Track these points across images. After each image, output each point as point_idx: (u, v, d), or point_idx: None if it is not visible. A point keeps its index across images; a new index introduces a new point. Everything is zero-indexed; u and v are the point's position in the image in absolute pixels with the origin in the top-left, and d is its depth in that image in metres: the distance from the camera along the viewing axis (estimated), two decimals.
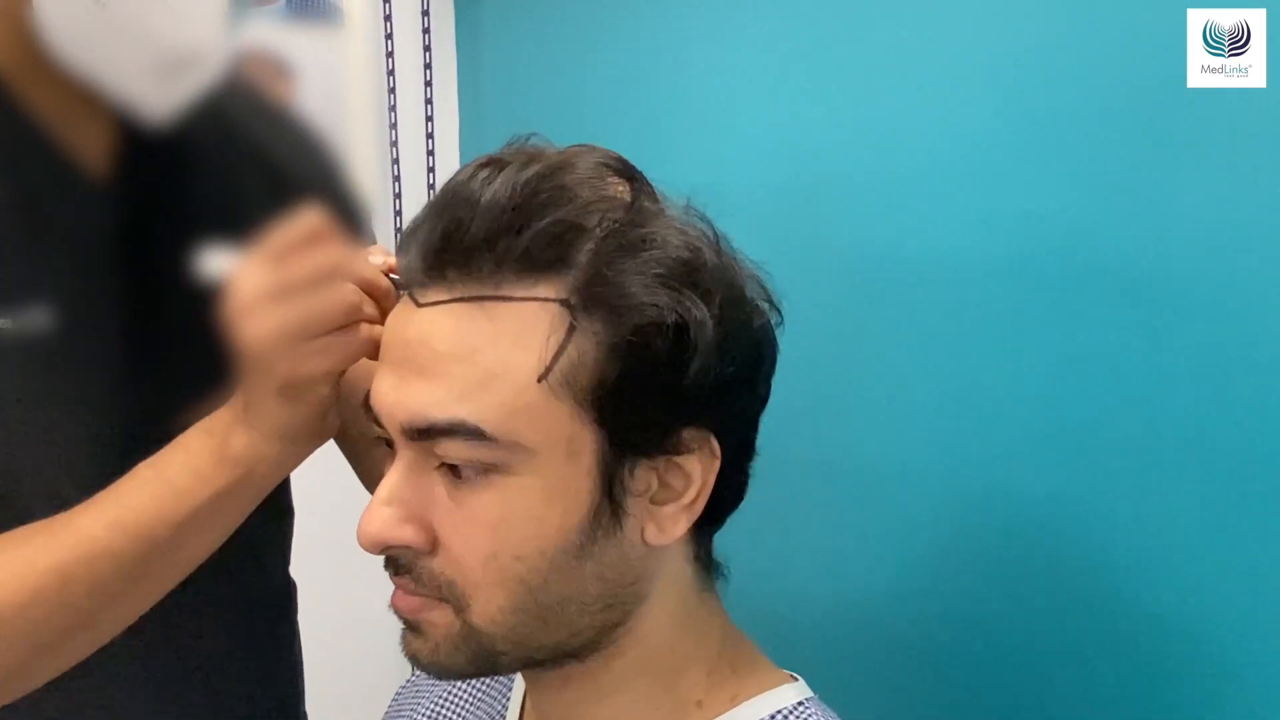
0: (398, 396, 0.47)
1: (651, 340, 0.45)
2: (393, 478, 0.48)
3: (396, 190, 1.42)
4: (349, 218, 0.72)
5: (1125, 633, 0.74)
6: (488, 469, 0.46)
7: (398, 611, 0.50)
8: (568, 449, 0.46)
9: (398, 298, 0.52)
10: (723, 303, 0.47)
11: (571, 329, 0.45)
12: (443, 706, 0.64)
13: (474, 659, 0.49)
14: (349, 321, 0.52)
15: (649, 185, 0.49)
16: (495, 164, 0.47)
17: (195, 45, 0.61)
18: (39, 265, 0.61)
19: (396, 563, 0.49)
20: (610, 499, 0.47)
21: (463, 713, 0.64)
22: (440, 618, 0.48)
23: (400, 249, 0.50)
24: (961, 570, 0.81)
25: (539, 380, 0.45)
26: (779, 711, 0.50)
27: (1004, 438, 0.79)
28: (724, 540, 0.56)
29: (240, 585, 0.72)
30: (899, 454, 0.84)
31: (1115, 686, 0.74)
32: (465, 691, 0.65)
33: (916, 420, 0.83)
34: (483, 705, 0.63)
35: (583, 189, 0.46)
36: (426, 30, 1.41)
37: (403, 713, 0.68)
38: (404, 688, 0.71)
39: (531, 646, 0.49)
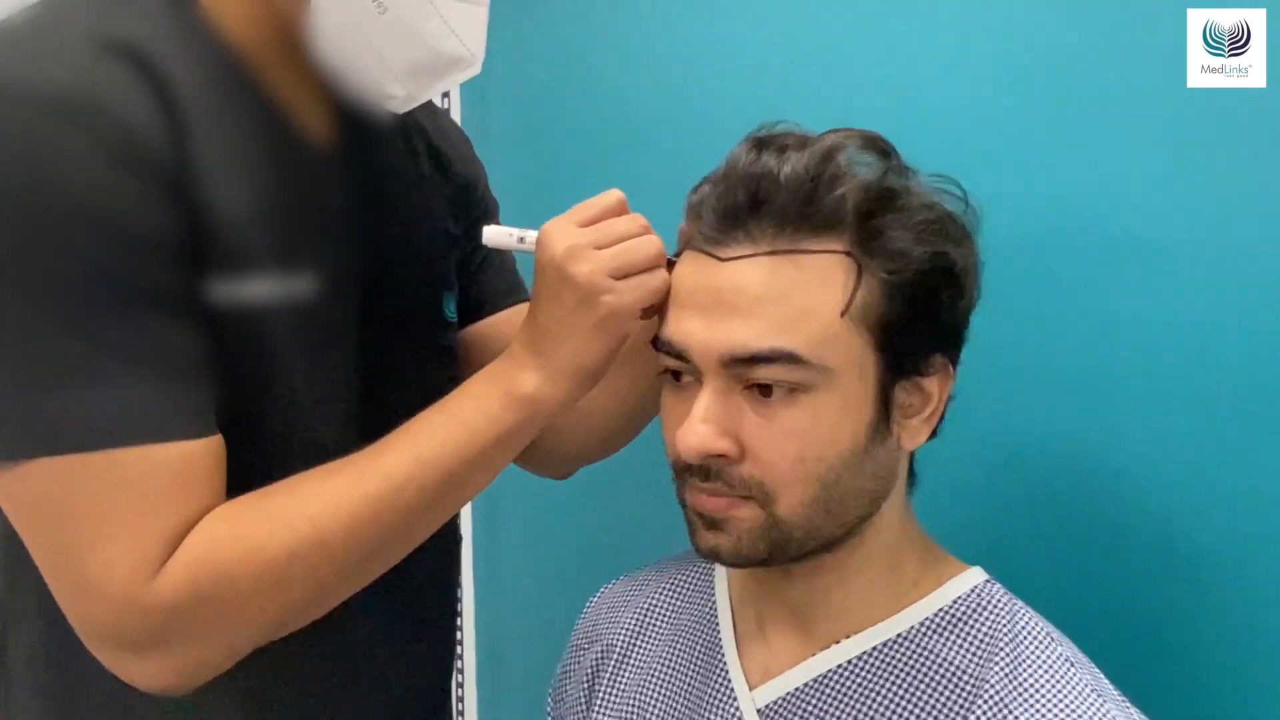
0: (713, 333, 0.57)
1: (925, 281, 0.57)
2: (705, 399, 0.57)
3: None
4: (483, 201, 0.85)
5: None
6: (795, 388, 0.56)
7: (703, 511, 0.59)
8: (859, 371, 0.56)
9: (673, 260, 0.63)
10: (968, 248, 0.60)
11: (860, 274, 0.56)
12: (648, 615, 0.73)
13: (771, 547, 0.58)
14: (655, 265, 0.62)
15: (899, 157, 0.60)
16: (773, 144, 0.58)
17: (459, 54, 0.65)
18: (299, 236, 0.65)
19: (706, 470, 0.58)
20: (884, 412, 0.58)
21: (670, 617, 0.72)
22: (747, 513, 0.58)
23: (690, 214, 0.62)
24: (1142, 590, 0.75)
25: (841, 315, 0.56)
26: (974, 587, 0.62)
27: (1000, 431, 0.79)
28: None
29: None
30: None
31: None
32: (668, 601, 0.73)
33: None
34: (687, 610, 0.71)
35: (854, 165, 0.58)
36: None
37: (599, 631, 0.75)
38: (588, 611, 0.78)
39: (816, 535, 0.58)
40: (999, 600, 0.61)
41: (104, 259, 0.54)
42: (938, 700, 0.58)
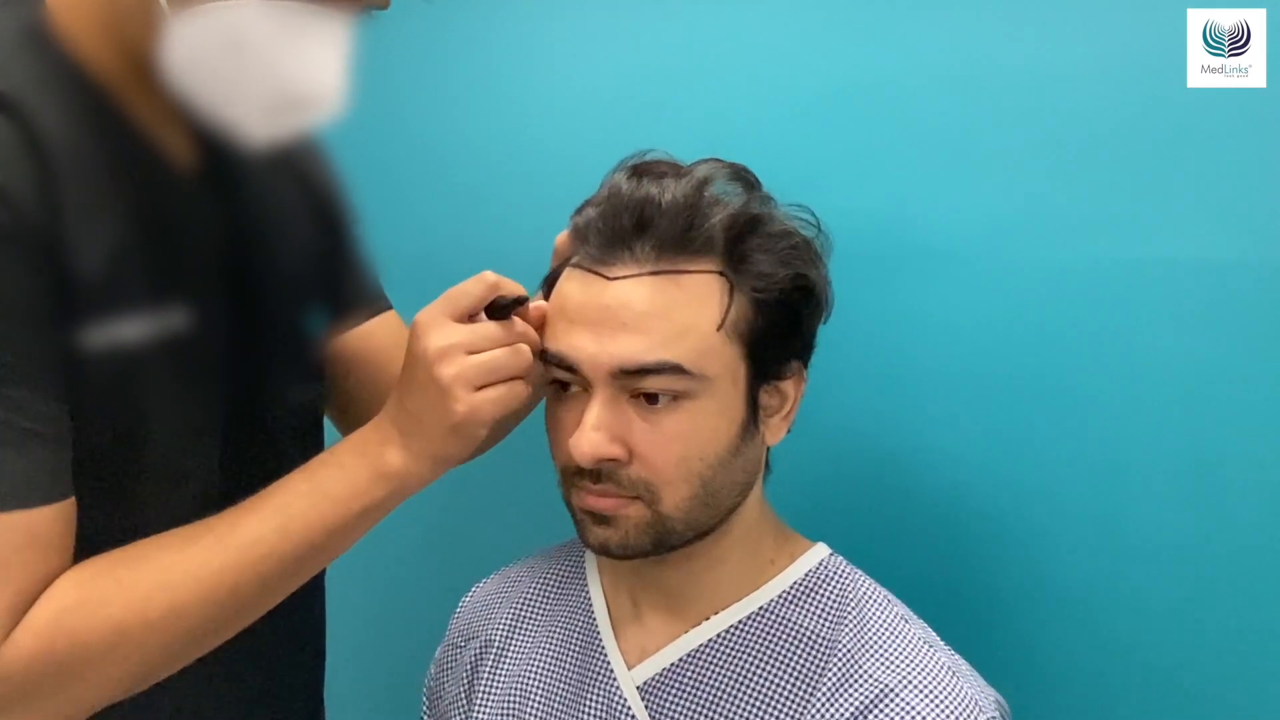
0: (603, 347, 0.61)
1: (787, 299, 0.64)
2: (596, 408, 0.61)
3: None
4: (356, 253, 0.84)
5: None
6: (678, 396, 0.61)
7: (593, 510, 0.63)
8: (733, 378, 0.62)
9: (544, 294, 0.68)
10: (822, 269, 0.66)
11: (732, 292, 0.62)
12: (523, 608, 0.77)
13: (655, 540, 0.63)
14: (519, 377, 0.63)
15: (761, 187, 0.67)
16: (650, 172, 0.64)
17: (316, 91, 0.63)
18: (167, 271, 0.64)
19: (597, 473, 0.62)
20: (752, 413, 0.64)
21: (546, 608, 0.76)
22: (635, 511, 0.63)
23: (576, 235, 0.65)
24: (957, 555, 0.83)
25: (718, 329, 0.61)
26: (821, 561, 0.69)
27: (995, 429, 0.79)
28: None
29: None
30: (898, 438, 0.84)
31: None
32: (542, 593, 0.77)
33: (910, 406, 0.83)
34: (563, 600, 0.75)
35: (723, 194, 0.64)
36: None
37: (475, 628, 0.78)
38: (462, 609, 0.81)
39: (695, 525, 0.64)
40: (843, 571, 0.69)
41: None
42: (797, 661, 0.65)
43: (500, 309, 0.63)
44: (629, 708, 0.67)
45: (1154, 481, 0.74)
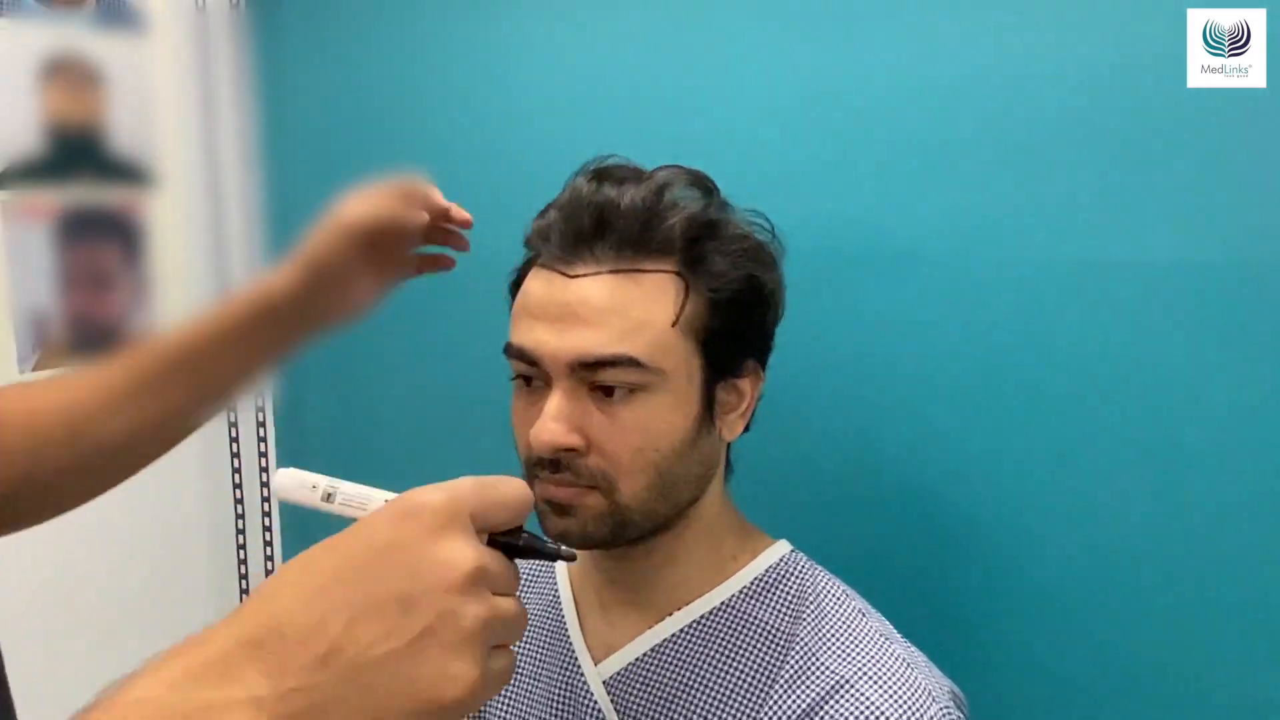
0: (562, 341, 0.63)
1: (741, 299, 0.67)
2: (555, 400, 0.63)
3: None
4: None
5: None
6: (634, 389, 0.63)
7: (552, 499, 0.65)
8: (687, 373, 0.65)
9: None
10: (775, 272, 0.70)
11: (687, 291, 0.65)
12: None
13: (613, 529, 0.65)
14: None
15: (719, 193, 0.70)
16: (610, 176, 0.67)
17: None
18: None
19: (556, 463, 0.64)
20: (708, 408, 0.67)
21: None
22: (593, 501, 0.64)
23: (539, 235, 0.68)
24: (926, 552, 0.84)
25: (673, 325, 0.64)
26: (782, 557, 0.71)
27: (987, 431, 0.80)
28: None
29: None
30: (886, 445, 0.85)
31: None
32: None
33: (898, 408, 0.84)
34: (531, 598, 0.77)
35: (682, 198, 0.67)
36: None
37: None
38: None
39: (652, 517, 0.66)
40: (803, 567, 0.71)
41: None
42: (757, 655, 0.67)
43: (524, 547, 0.44)
44: (595, 703, 0.69)
45: (1129, 481, 0.74)
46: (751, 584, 0.70)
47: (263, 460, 1.47)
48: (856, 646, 0.65)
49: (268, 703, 0.35)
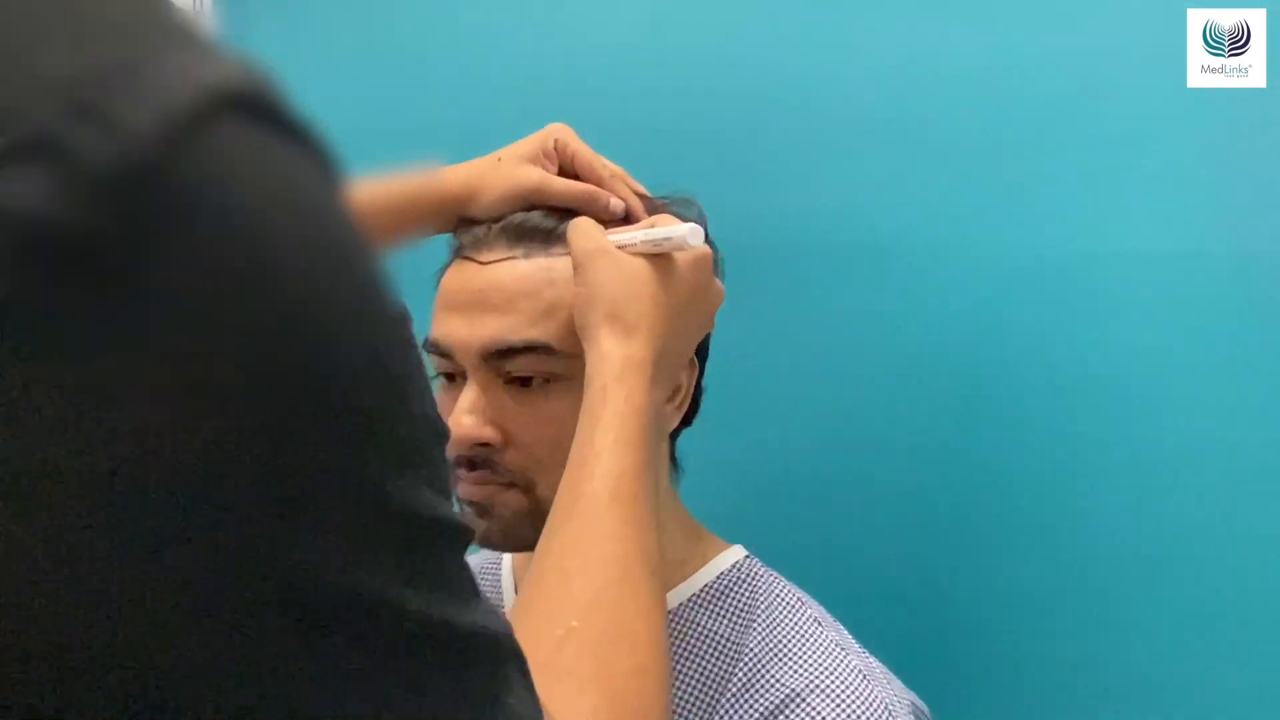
0: (473, 330, 0.60)
1: None
2: (469, 392, 0.60)
3: None
4: None
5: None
6: (550, 379, 0.60)
7: (471, 499, 0.61)
8: None
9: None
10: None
11: None
12: None
13: (537, 529, 0.58)
14: None
15: (650, 198, 0.67)
16: None
17: None
18: None
19: (471, 460, 0.60)
20: None
21: None
22: (511, 499, 0.61)
23: (460, 229, 0.65)
24: (921, 562, 0.82)
25: None
26: (735, 563, 0.67)
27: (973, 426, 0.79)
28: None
29: None
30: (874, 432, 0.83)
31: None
32: None
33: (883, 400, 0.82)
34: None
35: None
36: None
37: None
38: None
39: None
40: (757, 573, 0.67)
41: None
42: (705, 667, 0.63)
43: None
44: None
45: (1120, 485, 0.73)
46: (701, 591, 0.66)
47: None
48: (809, 657, 0.61)
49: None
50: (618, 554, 0.49)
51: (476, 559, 0.77)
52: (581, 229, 0.60)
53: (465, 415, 0.59)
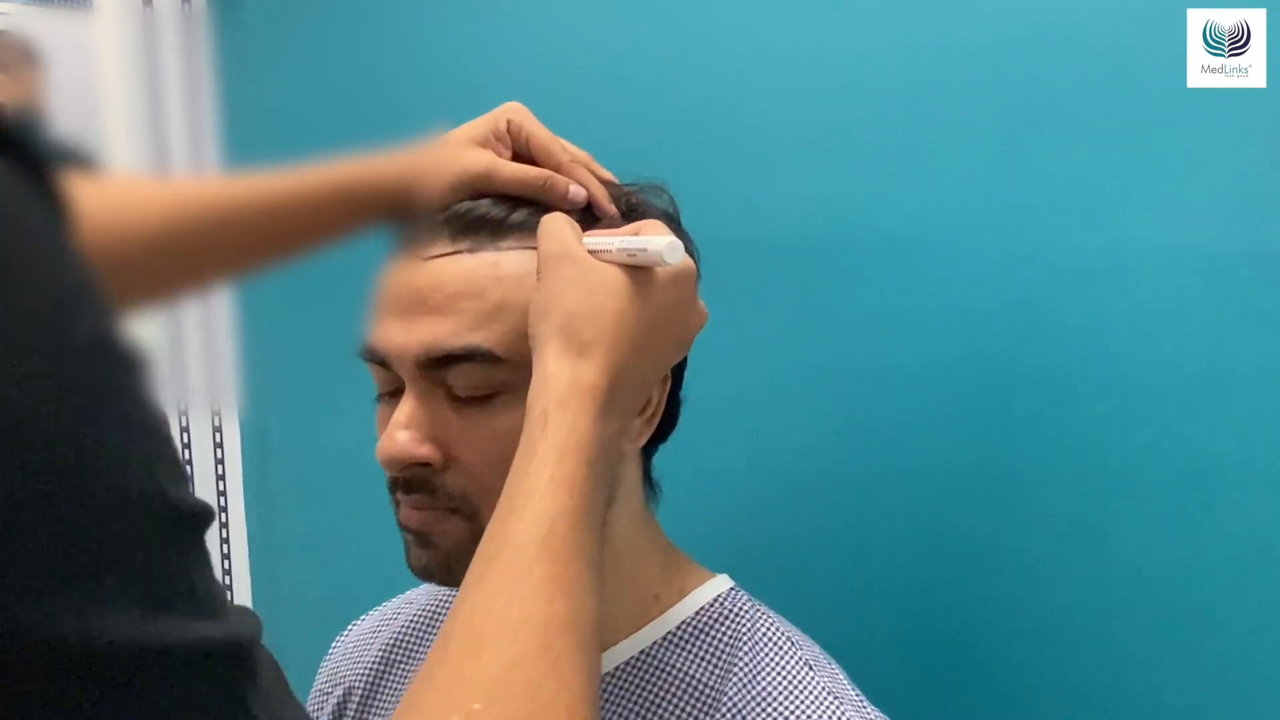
0: (409, 336, 0.53)
1: None
2: (406, 407, 0.53)
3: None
4: None
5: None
6: (496, 391, 0.53)
7: (409, 527, 0.55)
8: None
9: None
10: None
11: None
12: (392, 651, 0.70)
13: None
14: None
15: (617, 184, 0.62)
16: None
17: None
18: None
19: (409, 482, 0.54)
20: None
21: (417, 649, 0.69)
22: (452, 528, 0.54)
23: (399, 221, 0.58)
24: (939, 591, 0.79)
25: None
26: (717, 596, 0.61)
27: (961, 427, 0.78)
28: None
29: None
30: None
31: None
32: (416, 630, 0.70)
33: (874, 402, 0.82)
34: (432, 633, 0.68)
35: None
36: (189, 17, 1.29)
37: (341, 674, 0.71)
38: (333, 651, 0.75)
39: None
40: (741, 608, 0.60)
41: None
42: (678, 715, 0.56)
43: None
44: None
45: (1141, 496, 0.72)
46: (678, 629, 0.59)
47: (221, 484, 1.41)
48: (796, 707, 0.55)
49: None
50: (539, 619, 0.41)
51: (434, 592, 0.72)
52: (549, 228, 0.52)
53: (400, 431, 0.52)
